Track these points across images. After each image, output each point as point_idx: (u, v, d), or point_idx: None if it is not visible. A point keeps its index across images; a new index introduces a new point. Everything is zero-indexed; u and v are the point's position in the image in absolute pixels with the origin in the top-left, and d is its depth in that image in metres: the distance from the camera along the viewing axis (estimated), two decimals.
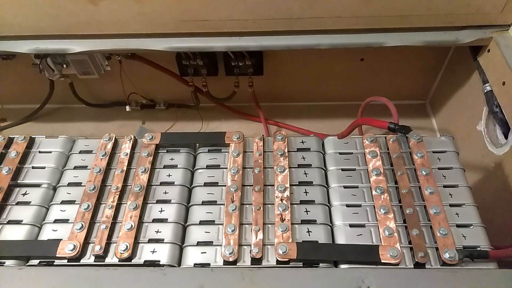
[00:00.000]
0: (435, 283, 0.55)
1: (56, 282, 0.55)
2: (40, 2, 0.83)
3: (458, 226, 0.64)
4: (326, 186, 0.71)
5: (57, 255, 0.61)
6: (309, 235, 0.64)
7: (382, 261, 0.59)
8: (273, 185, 0.69)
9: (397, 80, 1.22)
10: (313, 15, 0.85)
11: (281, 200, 0.67)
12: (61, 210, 0.69)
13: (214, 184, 0.71)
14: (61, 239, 0.63)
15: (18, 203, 0.70)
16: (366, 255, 0.60)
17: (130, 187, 0.71)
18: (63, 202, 0.70)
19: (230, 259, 0.60)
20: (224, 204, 0.68)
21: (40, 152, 0.77)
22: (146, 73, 1.15)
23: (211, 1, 0.83)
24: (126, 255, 0.61)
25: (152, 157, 0.74)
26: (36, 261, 0.63)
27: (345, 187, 0.70)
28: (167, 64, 1.13)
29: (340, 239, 0.64)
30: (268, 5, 0.83)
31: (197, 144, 0.79)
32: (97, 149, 0.76)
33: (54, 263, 0.62)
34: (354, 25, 0.86)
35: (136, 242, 0.64)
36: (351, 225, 0.65)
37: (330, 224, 0.66)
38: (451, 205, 0.66)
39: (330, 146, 0.76)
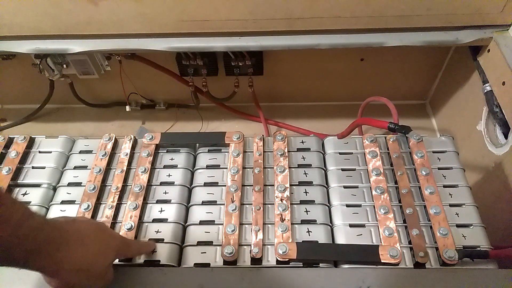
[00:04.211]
0: (435, 283, 0.55)
1: None
2: (40, 2, 0.83)
3: (458, 226, 0.64)
4: (326, 186, 0.71)
5: None
6: (309, 235, 0.64)
7: (382, 261, 0.59)
8: (273, 185, 0.69)
9: (397, 80, 1.22)
10: (313, 15, 0.85)
11: (281, 200, 0.67)
12: (61, 210, 0.69)
13: (214, 184, 0.71)
14: None
15: None
16: (366, 255, 0.60)
17: (130, 187, 0.71)
18: (63, 202, 0.70)
19: (230, 259, 0.60)
20: (224, 204, 0.68)
21: (40, 152, 0.77)
22: (146, 73, 1.15)
23: (211, 1, 0.83)
24: None
25: (152, 157, 0.74)
26: None
27: (345, 187, 0.70)
28: (167, 64, 1.13)
29: (340, 239, 0.64)
30: (268, 5, 0.83)
31: (197, 144, 0.79)
32: (97, 149, 0.76)
33: None
34: (354, 25, 0.86)
35: None
36: (351, 225, 0.65)
37: (330, 224, 0.66)
38: (451, 205, 0.66)
39: (330, 146, 0.76)
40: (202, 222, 0.66)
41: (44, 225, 0.44)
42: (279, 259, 0.60)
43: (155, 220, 0.67)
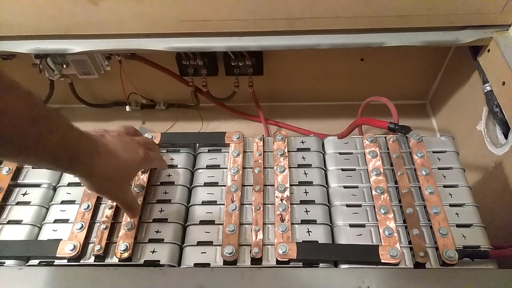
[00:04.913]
0: (435, 283, 0.55)
1: (56, 282, 0.55)
2: (40, 2, 0.83)
3: (458, 226, 0.64)
4: (326, 186, 0.71)
5: (57, 255, 0.61)
6: (309, 235, 0.64)
7: (382, 261, 0.59)
8: (273, 185, 0.69)
9: (397, 80, 1.22)
10: (313, 15, 0.85)
11: (281, 200, 0.67)
12: (61, 210, 0.69)
13: (214, 184, 0.71)
14: (61, 239, 0.63)
15: (18, 203, 0.70)
16: (366, 255, 0.60)
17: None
18: (63, 202, 0.70)
19: (230, 259, 0.60)
20: (224, 204, 0.68)
21: None
22: (146, 73, 1.15)
23: (211, 1, 0.83)
24: (126, 255, 0.61)
25: None
26: (36, 261, 0.63)
27: (345, 187, 0.70)
28: (167, 64, 1.13)
29: (340, 239, 0.64)
30: (268, 5, 0.83)
31: (197, 144, 0.79)
32: None
33: (54, 263, 0.62)
34: (354, 25, 0.86)
35: (136, 242, 0.64)
36: (351, 225, 0.65)
37: (330, 224, 0.66)
38: (451, 205, 0.66)
39: (330, 146, 0.76)
40: (202, 222, 0.66)
41: (82, 137, 0.51)
42: (279, 259, 0.60)
43: (155, 220, 0.67)
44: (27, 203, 0.70)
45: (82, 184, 0.58)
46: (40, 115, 0.44)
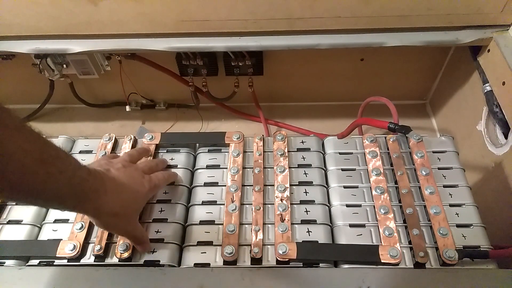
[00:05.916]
0: (435, 283, 0.55)
1: (56, 282, 0.55)
2: (40, 2, 0.84)
3: (458, 226, 0.64)
4: (326, 186, 0.71)
5: (57, 255, 0.61)
6: (309, 235, 0.64)
7: (382, 261, 0.59)
8: (273, 185, 0.69)
9: (397, 80, 1.22)
10: (313, 15, 0.85)
11: (281, 200, 0.67)
12: (60, 210, 0.69)
13: (214, 184, 0.71)
14: (61, 239, 0.63)
15: (18, 203, 0.70)
16: (366, 255, 0.60)
17: None
18: None
19: (230, 259, 0.60)
20: (224, 204, 0.68)
21: None
22: (146, 73, 1.15)
23: (211, 1, 0.83)
24: (126, 255, 0.61)
25: (152, 157, 0.74)
26: (36, 261, 0.63)
27: (345, 187, 0.70)
28: (167, 64, 1.13)
29: (340, 239, 0.64)
30: (268, 5, 0.83)
31: (197, 144, 0.79)
32: (97, 149, 0.76)
33: (54, 263, 0.62)
34: (354, 25, 0.86)
35: None
36: (351, 225, 0.65)
37: (330, 224, 0.66)
38: (451, 205, 0.66)
39: (330, 146, 0.76)
40: (202, 222, 0.66)
41: (90, 175, 0.50)
42: (279, 259, 0.60)
43: (155, 220, 0.67)
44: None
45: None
46: (49, 156, 0.43)
